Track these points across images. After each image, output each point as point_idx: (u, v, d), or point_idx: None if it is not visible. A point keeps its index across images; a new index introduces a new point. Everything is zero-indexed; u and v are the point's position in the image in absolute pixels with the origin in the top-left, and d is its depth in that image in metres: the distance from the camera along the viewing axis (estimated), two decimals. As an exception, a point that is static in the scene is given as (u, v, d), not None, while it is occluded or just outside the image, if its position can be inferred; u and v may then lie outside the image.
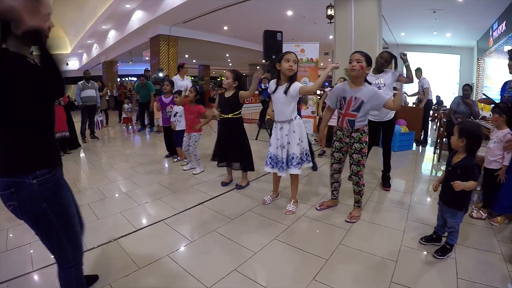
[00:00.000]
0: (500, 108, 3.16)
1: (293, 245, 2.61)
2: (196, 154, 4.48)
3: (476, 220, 3.29)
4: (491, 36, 11.51)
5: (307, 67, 7.27)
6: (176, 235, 2.77)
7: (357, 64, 2.81)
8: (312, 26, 12.75)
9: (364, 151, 2.97)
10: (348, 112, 2.93)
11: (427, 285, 2.19)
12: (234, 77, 3.65)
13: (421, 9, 10.11)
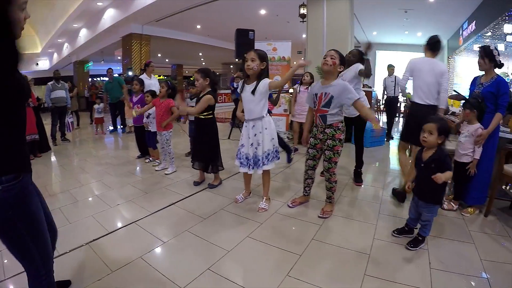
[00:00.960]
0: (471, 104, 3.24)
1: (266, 242, 2.59)
2: (170, 152, 4.41)
3: (447, 211, 3.38)
4: (461, 35, 11.98)
5: (279, 66, 7.29)
6: (148, 237, 2.70)
7: (330, 60, 2.86)
8: (285, 25, 12.84)
9: (337, 148, 2.98)
10: (320, 108, 2.96)
11: (401, 277, 2.22)
12: (203, 75, 3.59)
13: (393, 8, 10.36)
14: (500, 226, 3.16)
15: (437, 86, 3.49)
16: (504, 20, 7.86)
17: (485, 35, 9.31)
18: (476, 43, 9.97)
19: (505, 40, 8.25)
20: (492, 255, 2.58)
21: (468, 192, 3.39)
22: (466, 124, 3.31)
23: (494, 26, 8.57)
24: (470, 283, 2.22)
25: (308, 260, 2.37)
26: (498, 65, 3.27)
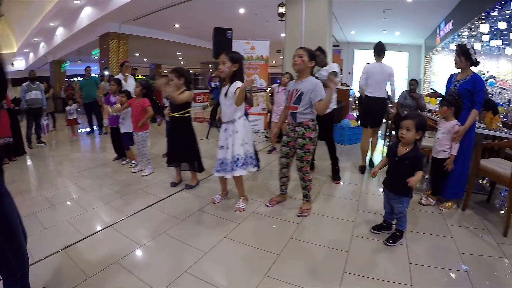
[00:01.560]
0: (448, 101, 3.29)
1: (244, 243, 2.55)
2: (145, 154, 4.31)
3: (425, 206, 3.43)
4: (438, 34, 12.24)
5: (257, 65, 7.28)
6: (125, 240, 2.61)
7: (299, 59, 2.89)
8: (264, 24, 12.79)
9: (307, 147, 2.97)
10: (290, 105, 2.97)
11: (380, 273, 2.22)
12: (177, 75, 3.53)
13: (371, 8, 10.47)
14: (478, 219, 3.22)
15: (385, 84, 4.54)
16: (480, 20, 8.07)
17: (461, 34, 9.54)
18: (453, 42, 10.19)
19: (481, 39, 8.48)
20: (470, 248, 2.62)
21: (445, 187, 3.44)
22: (443, 121, 3.35)
23: (470, 26, 8.79)
24: (450, 276, 2.24)
25: (286, 259, 2.34)
26: (474, 63, 3.33)
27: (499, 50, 8.46)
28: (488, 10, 7.39)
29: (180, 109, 3.58)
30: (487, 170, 3.25)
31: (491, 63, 8.72)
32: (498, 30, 7.59)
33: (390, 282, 2.12)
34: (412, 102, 5.83)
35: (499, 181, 3.18)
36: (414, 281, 2.14)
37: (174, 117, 3.63)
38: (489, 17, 7.70)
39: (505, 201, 3.83)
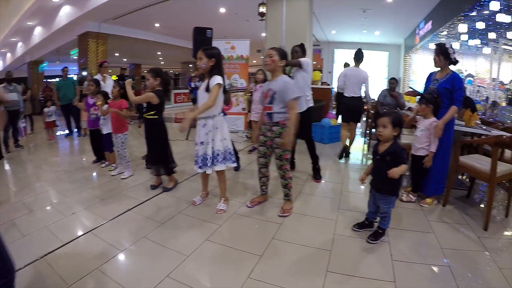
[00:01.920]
0: (427, 99, 3.33)
1: (226, 245, 2.51)
2: (125, 156, 4.22)
3: (406, 203, 3.46)
4: (418, 34, 12.47)
5: (238, 64, 7.24)
6: (105, 246, 2.52)
7: (269, 59, 2.92)
8: (245, 24, 12.77)
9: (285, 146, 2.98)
10: (266, 106, 2.97)
11: (363, 270, 2.22)
12: (153, 75, 3.46)
13: (351, 8, 10.57)
14: (458, 214, 3.28)
15: (360, 85, 5.27)
16: (459, 20, 8.25)
17: (440, 34, 9.75)
18: (432, 42, 10.42)
19: (459, 39, 8.68)
20: (452, 243, 2.66)
21: (426, 184, 3.48)
22: (422, 118, 3.39)
23: (449, 26, 8.98)
24: (433, 271, 2.27)
25: (269, 260, 2.31)
26: (453, 62, 3.38)
27: (477, 49, 8.69)
28: (467, 10, 7.54)
29: (149, 111, 3.51)
30: (466, 166, 3.30)
31: (469, 62, 8.94)
32: (477, 30, 7.80)
33: (373, 279, 2.12)
34: (392, 100, 5.92)
35: (478, 177, 3.23)
36: (397, 277, 2.15)
37: (145, 119, 3.57)
38: (467, 17, 7.89)
39: (484, 195, 3.93)
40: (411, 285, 2.09)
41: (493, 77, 7.79)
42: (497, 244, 2.73)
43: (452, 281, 2.14)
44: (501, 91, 7.45)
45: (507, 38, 7.03)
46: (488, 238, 2.77)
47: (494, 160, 2.91)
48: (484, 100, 7.51)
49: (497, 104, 6.95)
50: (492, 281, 2.17)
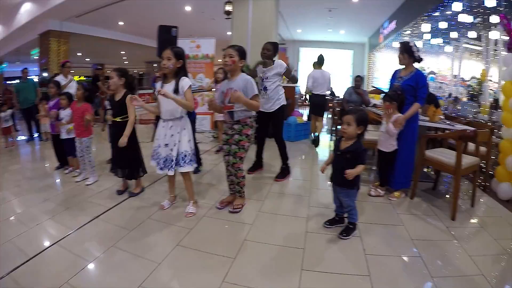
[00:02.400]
0: (390, 96, 3.41)
1: (198, 249, 2.43)
2: (90, 161, 4.02)
3: (375, 198, 3.53)
4: (382, 33, 12.88)
5: (203, 63, 7.13)
6: (73, 258, 2.35)
7: (230, 59, 2.86)
8: (211, 22, 12.70)
9: (243, 143, 2.97)
10: (226, 105, 2.94)
11: (338, 267, 2.23)
12: (118, 74, 3.29)
13: (317, 7, 10.74)
14: (426, 206, 3.39)
15: (325, 85, 6.42)
16: (422, 20, 8.58)
17: (404, 33, 10.10)
18: (396, 41, 10.79)
19: (422, 38, 9.02)
20: (422, 234, 2.74)
21: (393, 178, 3.56)
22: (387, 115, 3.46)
23: (413, 25, 9.30)
24: (405, 262, 2.32)
25: (243, 262, 2.26)
26: (417, 60, 3.47)
27: (439, 48, 9.07)
28: (430, 10, 7.85)
29: (119, 114, 3.35)
30: (432, 160, 3.41)
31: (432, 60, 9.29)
32: (439, 30, 8.12)
33: (348, 275, 2.14)
34: (357, 98, 6.05)
35: (444, 170, 3.35)
36: (371, 271, 2.17)
37: (116, 122, 3.39)
38: (431, 17, 8.21)
39: (449, 187, 4.11)
40: (385, 277, 2.13)
41: (454, 74, 8.14)
42: (465, 232, 2.85)
43: (424, 270, 2.20)
44: (462, 87, 7.79)
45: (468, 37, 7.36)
46: (456, 228, 2.89)
47: (459, 153, 3.02)
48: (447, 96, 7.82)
49: (459, 99, 7.26)
50: (463, 268, 2.26)
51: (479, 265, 2.28)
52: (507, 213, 3.32)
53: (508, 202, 3.57)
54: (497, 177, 3.76)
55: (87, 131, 3.91)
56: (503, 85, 3.77)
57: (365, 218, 2.98)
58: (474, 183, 3.42)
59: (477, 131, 3.25)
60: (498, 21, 5.51)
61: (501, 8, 5.08)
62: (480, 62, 7.55)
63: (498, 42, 6.12)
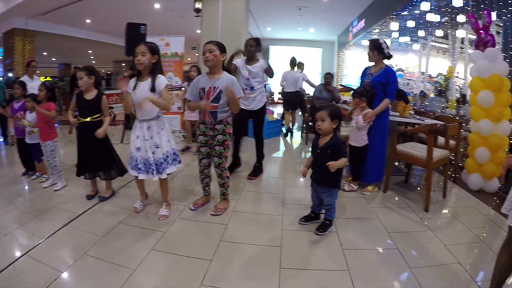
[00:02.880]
0: (359, 93, 3.47)
1: (173, 252, 2.34)
2: (56, 165, 3.82)
3: (348, 192, 3.58)
4: (351, 31, 13.20)
5: (172, 62, 6.99)
6: (45, 269, 2.19)
7: (211, 54, 2.71)
8: (180, 20, 12.56)
9: (227, 143, 2.90)
10: (211, 104, 2.80)
11: (316, 263, 2.23)
12: (87, 73, 3.13)
13: (287, 6, 10.86)
14: (399, 198, 3.48)
15: (295, 83, 7.10)
16: (391, 19, 8.84)
17: (373, 31, 10.37)
18: (365, 39, 11.08)
19: (391, 36, 9.25)
20: (397, 226, 2.80)
21: (365, 172, 3.63)
22: (357, 111, 3.52)
23: (382, 24, 9.57)
24: (383, 255, 2.36)
25: (220, 263, 2.20)
26: (386, 56, 3.55)
27: (407, 46, 9.35)
28: (399, 9, 8.06)
29: (91, 114, 3.20)
30: (404, 154, 3.49)
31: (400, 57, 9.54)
32: (407, 28, 8.37)
33: (328, 270, 2.14)
34: (328, 94, 6.13)
35: (415, 163, 3.44)
36: (350, 265, 2.19)
37: (85, 123, 3.23)
38: (399, 16, 8.46)
39: (420, 179, 4.25)
40: (364, 270, 2.15)
41: (422, 71, 8.38)
42: (439, 223, 2.95)
43: (401, 261, 2.25)
44: (430, 83, 8.05)
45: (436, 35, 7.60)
46: (430, 218, 2.99)
47: (430, 147, 3.10)
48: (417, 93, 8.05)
49: (427, 95, 7.48)
50: (439, 257, 2.33)
51: (454, 254, 2.36)
52: (478, 202, 3.48)
53: (478, 192, 3.74)
54: (467, 168, 3.91)
55: (51, 134, 3.72)
56: (471, 81, 3.91)
57: (340, 213, 2.99)
58: (445, 175, 3.53)
59: (447, 125, 3.35)
60: (465, 20, 5.74)
61: (468, 7, 5.27)
62: (446, 59, 7.81)
63: (464, 40, 6.36)
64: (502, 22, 4.32)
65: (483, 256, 2.40)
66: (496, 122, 3.61)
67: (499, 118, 3.61)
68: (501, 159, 3.61)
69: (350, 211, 3.11)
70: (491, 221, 3.02)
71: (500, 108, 3.61)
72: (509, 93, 3.63)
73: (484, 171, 3.70)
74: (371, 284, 2.02)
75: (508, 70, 3.68)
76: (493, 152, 3.63)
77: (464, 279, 2.08)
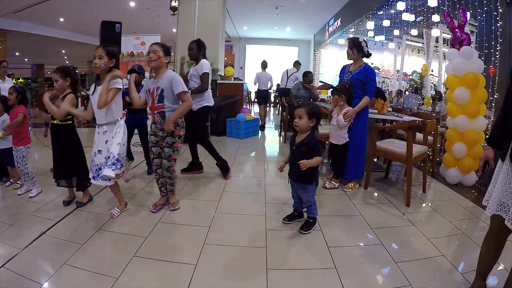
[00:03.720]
0: (338, 90, 3.50)
1: (157, 258, 2.27)
2: (27, 173, 3.65)
3: (330, 190, 3.61)
4: (327, 30, 13.39)
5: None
6: (23, 281, 2.05)
7: (154, 55, 2.75)
8: (156, 19, 12.42)
9: (176, 145, 2.89)
10: (156, 105, 2.82)
11: (302, 262, 2.22)
12: (62, 75, 3.00)
13: (264, 5, 10.91)
14: (380, 194, 3.54)
15: (267, 82, 8.59)
16: (368, 18, 9.00)
17: (349, 30, 10.54)
18: (341, 38, 11.33)
19: (367, 35, 9.41)
20: (379, 221, 2.85)
21: (346, 170, 3.67)
22: (337, 108, 3.55)
23: (358, 23, 9.70)
24: (368, 251, 2.38)
25: (205, 267, 2.15)
26: (366, 55, 3.59)
27: (383, 44, 9.52)
28: (375, 9, 8.20)
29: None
30: (383, 150, 3.56)
31: (376, 56, 9.71)
32: (383, 27, 8.53)
33: (314, 269, 2.13)
34: (306, 93, 6.18)
35: (395, 159, 3.50)
36: (336, 262, 2.19)
37: (55, 125, 3.09)
38: (375, 15, 8.61)
39: (399, 175, 4.36)
40: (351, 267, 2.16)
41: (397, 69, 8.55)
42: (420, 217, 3.03)
43: (387, 256, 2.29)
44: (405, 81, 8.22)
45: (411, 34, 7.78)
46: (412, 213, 3.06)
47: (409, 143, 3.17)
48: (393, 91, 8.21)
49: (402, 93, 7.64)
50: (424, 250, 2.38)
51: (437, 246, 2.42)
52: (457, 195, 3.60)
53: (456, 186, 3.88)
54: (445, 163, 4.02)
55: (24, 138, 3.56)
56: (447, 78, 4.03)
57: (323, 210, 3.01)
58: (424, 170, 3.63)
59: (425, 121, 3.43)
60: (439, 19, 5.90)
61: (443, 7, 5.40)
62: (421, 58, 7.99)
63: (438, 39, 6.53)
64: (476, 22, 4.44)
65: (465, 247, 2.48)
66: (472, 118, 3.73)
67: (475, 114, 3.72)
68: (477, 154, 3.75)
69: (332, 208, 3.13)
70: (471, 213, 3.13)
71: (475, 104, 3.72)
72: (484, 90, 3.77)
73: (462, 165, 3.83)
74: (359, 280, 2.03)
75: (483, 67, 3.81)
76: (469, 146, 3.76)
77: (448, 270, 2.13)
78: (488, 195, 1.65)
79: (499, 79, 4.02)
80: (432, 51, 7.02)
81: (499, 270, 2.09)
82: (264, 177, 4.12)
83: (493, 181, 1.63)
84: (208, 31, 7.13)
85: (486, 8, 4.20)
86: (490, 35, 4.13)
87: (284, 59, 17.53)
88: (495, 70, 4.06)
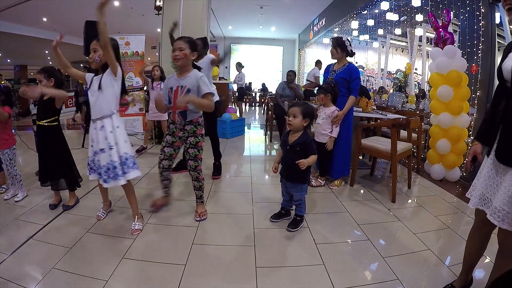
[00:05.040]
0: (324, 89, 3.54)
1: (145, 260, 2.26)
2: (16, 175, 3.57)
3: (316, 188, 3.65)
4: (312, 30, 13.52)
5: (133, 61, 6.79)
6: (13, 287, 2.09)
7: (180, 53, 2.59)
8: (140, 18, 12.34)
9: (200, 144, 2.78)
10: (177, 105, 2.64)
11: (291, 260, 2.24)
12: (46, 76, 2.95)
13: (249, 4, 10.95)
14: (366, 191, 3.60)
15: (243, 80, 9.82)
16: (352, 18, 9.10)
17: (333, 30, 10.62)
18: (326, 37, 11.44)
19: (351, 34, 9.52)
20: (366, 218, 2.90)
21: (332, 167, 3.72)
22: (323, 107, 3.60)
23: (342, 23, 9.82)
24: (356, 247, 2.42)
25: (195, 268, 2.15)
26: (349, 54, 3.65)
27: (367, 44, 9.65)
28: (359, 9, 8.31)
29: (46, 117, 2.98)
30: (369, 148, 3.62)
31: (360, 55, 9.84)
32: (368, 27, 8.65)
33: (303, 266, 2.16)
34: (291, 92, 6.19)
35: (381, 156, 3.56)
36: (325, 259, 2.22)
37: (41, 127, 3.01)
38: (360, 15, 8.73)
39: (384, 172, 4.43)
40: (339, 263, 2.20)
41: (381, 68, 8.68)
42: (406, 212, 3.10)
43: (374, 252, 2.34)
44: (389, 79, 8.34)
45: (395, 34, 7.90)
46: (398, 209, 3.13)
47: (394, 140, 3.23)
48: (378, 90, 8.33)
49: (386, 91, 7.76)
50: (410, 245, 2.44)
51: (424, 241, 2.49)
52: (442, 191, 3.69)
53: (441, 181, 3.98)
54: (429, 159, 4.12)
55: (9, 140, 3.48)
56: (431, 76, 4.12)
57: (310, 208, 3.05)
58: (409, 167, 3.71)
59: (409, 119, 3.50)
60: (423, 19, 6.00)
61: (427, 7, 5.51)
62: (405, 57, 8.13)
63: (422, 38, 6.65)
64: (459, 21, 4.55)
65: (450, 241, 2.55)
66: (455, 115, 3.83)
67: (458, 111, 3.82)
68: (461, 150, 3.87)
69: (319, 206, 3.18)
70: (456, 208, 3.22)
71: (459, 102, 3.81)
72: (467, 87, 3.87)
73: (446, 161, 3.93)
74: (347, 276, 2.06)
75: (466, 66, 3.91)
76: (453, 143, 3.87)
77: (435, 264, 2.20)
78: (472, 188, 1.70)
79: (481, 77, 4.13)
80: (416, 50, 7.17)
81: (486, 263, 2.15)
82: (251, 176, 4.13)
83: (478, 175, 1.67)
84: (193, 30, 7.05)
85: (468, 8, 4.31)
86: (472, 34, 4.24)
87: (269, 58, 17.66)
88: (477, 69, 4.16)
